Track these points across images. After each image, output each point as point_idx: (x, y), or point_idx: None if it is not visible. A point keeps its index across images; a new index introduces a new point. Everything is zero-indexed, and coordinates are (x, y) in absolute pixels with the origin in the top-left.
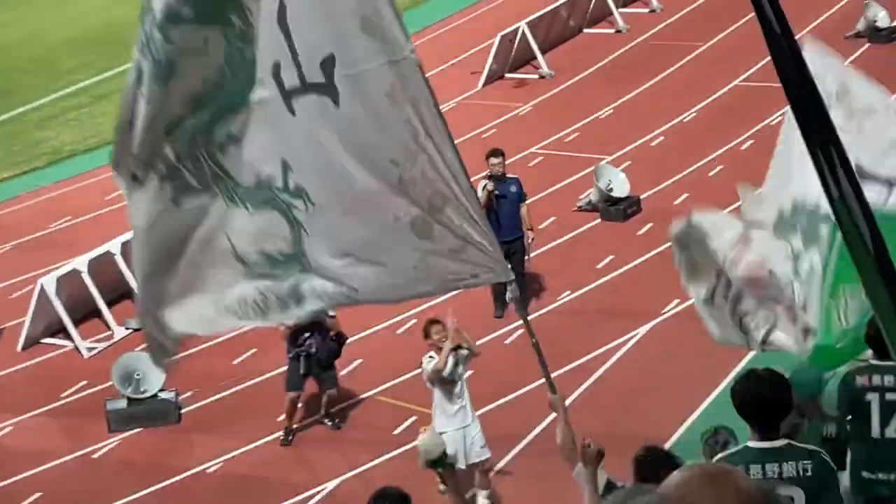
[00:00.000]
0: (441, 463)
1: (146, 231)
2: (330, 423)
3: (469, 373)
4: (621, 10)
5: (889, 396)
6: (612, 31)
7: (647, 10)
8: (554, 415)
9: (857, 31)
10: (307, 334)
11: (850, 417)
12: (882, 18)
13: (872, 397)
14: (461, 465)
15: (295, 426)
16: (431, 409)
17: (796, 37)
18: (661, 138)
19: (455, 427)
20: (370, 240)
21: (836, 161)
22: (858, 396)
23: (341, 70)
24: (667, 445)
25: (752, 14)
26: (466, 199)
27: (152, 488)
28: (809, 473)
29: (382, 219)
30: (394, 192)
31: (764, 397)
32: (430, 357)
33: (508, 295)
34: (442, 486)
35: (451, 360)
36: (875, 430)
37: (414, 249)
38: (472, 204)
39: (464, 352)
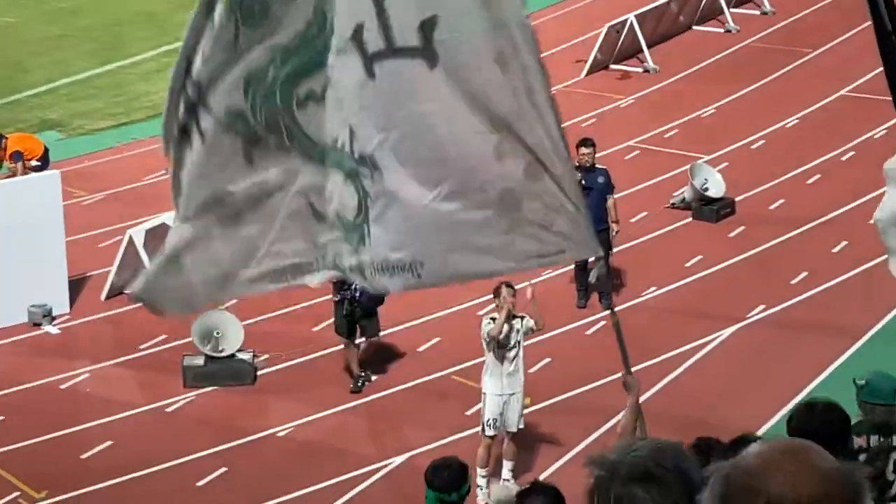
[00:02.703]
0: None
1: (199, 183)
2: (363, 375)
3: (547, 360)
4: (733, 9)
5: None
6: (722, 30)
7: (758, 12)
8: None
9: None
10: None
11: None
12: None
13: None
14: (498, 429)
15: (364, 398)
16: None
17: None
18: (762, 142)
19: (500, 392)
20: (446, 215)
21: None
22: None
23: (443, 33)
24: None
25: (864, 25)
26: (564, 169)
27: (222, 447)
28: None
29: (463, 191)
30: (484, 164)
31: (817, 431)
32: (490, 319)
33: (593, 275)
34: None
35: (506, 327)
36: None
37: (496, 225)
38: (569, 175)
39: (528, 322)
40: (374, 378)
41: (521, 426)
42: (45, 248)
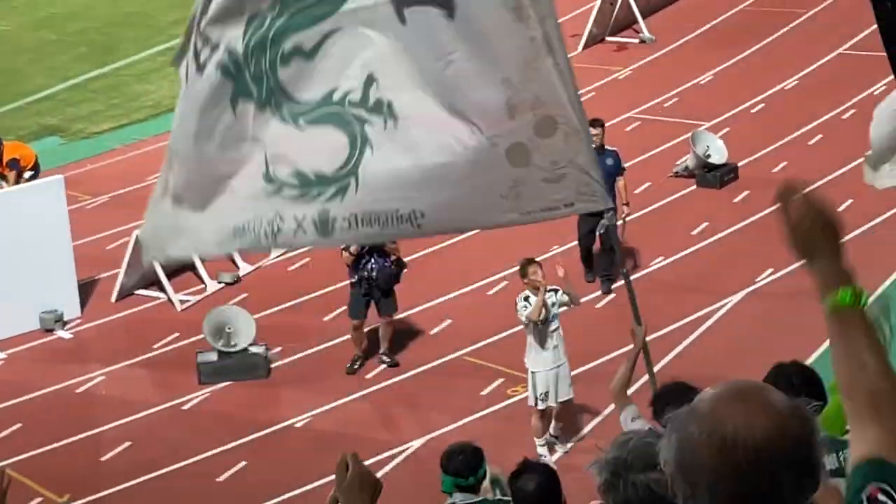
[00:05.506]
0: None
1: (198, 120)
2: (388, 360)
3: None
4: None
5: None
6: None
7: None
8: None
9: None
10: (367, 258)
11: None
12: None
13: None
14: (551, 403)
15: (380, 384)
16: (526, 348)
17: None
18: (762, 105)
19: (548, 368)
20: (455, 163)
21: None
22: None
23: None
24: None
25: None
26: (579, 123)
27: (240, 441)
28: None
29: (477, 142)
30: (496, 116)
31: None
32: (525, 299)
33: (602, 223)
34: None
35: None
36: None
37: (505, 177)
38: (583, 128)
39: (562, 296)
40: (396, 361)
41: (573, 395)
42: (53, 253)
